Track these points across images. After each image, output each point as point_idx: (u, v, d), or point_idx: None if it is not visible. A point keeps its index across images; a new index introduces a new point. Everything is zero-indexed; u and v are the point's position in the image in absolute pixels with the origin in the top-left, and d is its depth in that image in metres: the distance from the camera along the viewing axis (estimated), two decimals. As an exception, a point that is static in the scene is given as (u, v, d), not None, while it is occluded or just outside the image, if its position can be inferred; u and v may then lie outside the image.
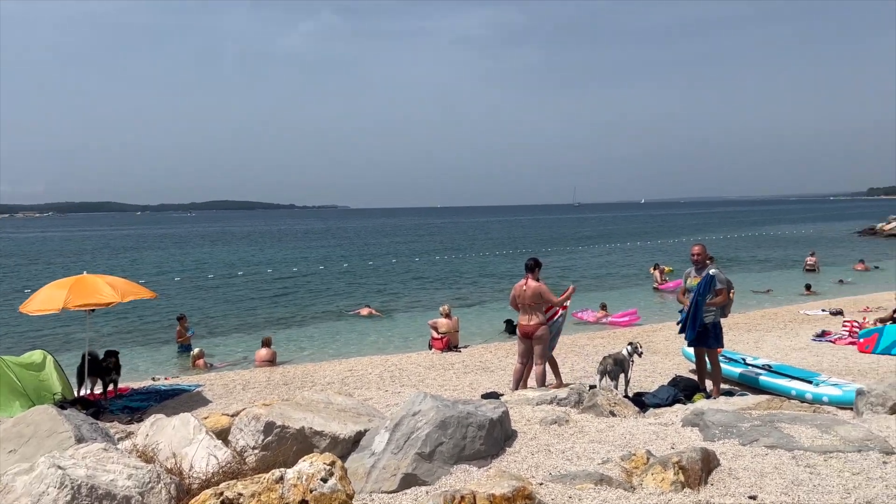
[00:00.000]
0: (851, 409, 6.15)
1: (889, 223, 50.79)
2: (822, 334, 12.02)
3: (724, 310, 8.13)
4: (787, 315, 15.25)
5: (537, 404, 6.45)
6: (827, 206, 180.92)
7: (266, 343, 13.75)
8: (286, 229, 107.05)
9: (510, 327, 15.51)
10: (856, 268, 26.85)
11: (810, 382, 7.75)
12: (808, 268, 26.81)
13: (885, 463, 4.21)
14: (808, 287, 21.47)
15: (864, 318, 12.53)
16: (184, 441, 5.00)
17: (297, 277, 32.33)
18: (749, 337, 12.65)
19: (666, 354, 11.39)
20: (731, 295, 8.19)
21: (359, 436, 5.60)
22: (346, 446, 5.59)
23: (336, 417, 6.01)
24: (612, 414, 5.95)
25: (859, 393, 5.92)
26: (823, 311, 15.21)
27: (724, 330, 8.35)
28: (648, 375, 9.73)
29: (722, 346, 8.23)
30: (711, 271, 8.00)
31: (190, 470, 4.36)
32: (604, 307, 17.94)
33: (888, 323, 11.06)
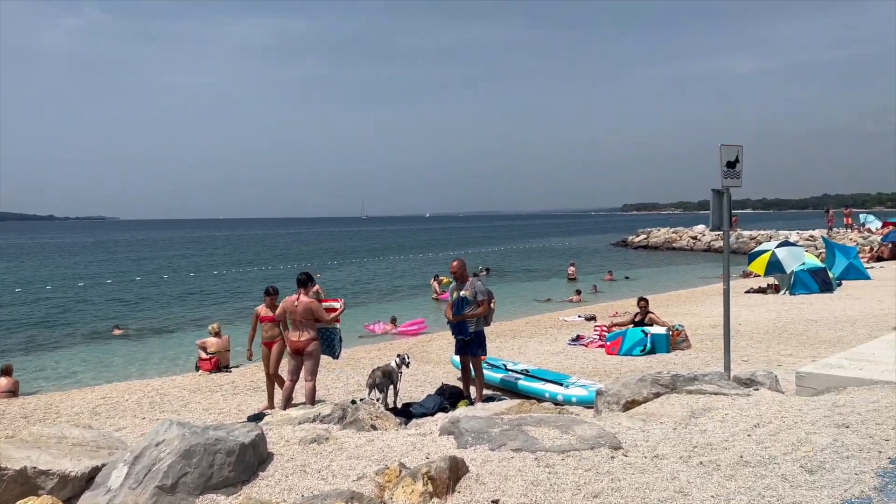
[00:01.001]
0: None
1: (638, 236, 57.12)
2: (577, 339, 13.08)
3: (486, 319, 8.52)
4: (549, 321, 16.45)
5: (300, 423, 6.25)
6: (588, 221, 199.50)
7: (6, 371, 12.08)
8: (44, 243, 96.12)
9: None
10: (605, 279, 29.84)
11: (561, 384, 8.36)
12: (570, 277, 29.35)
13: (612, 458, 4.57)
14: (577, 292, 23.61)
15: (611, 323, 13.83)
16: None
17: (53, 297, 29.04)
18: (514, 343, 13.43)
19: (438, 363, 11.72)
20: (492, 305, 8.61)
21: (95, 471, 5.04)
22: (79, 484, 5.00)
23: (69, 453, 5.36)
24: (374, 428, 5.93)
25: (598, 393, 6.44)
26: (580, 317, 16.63)
27: (491, 337, 8.78)
28: (420, 385, 9.93)
29: (485, 354, 8.61)
30: (477, 284, 8.37)
31: None
32: (394, 320, 18.19)
33: (629, 327, 12.29)
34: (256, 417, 7.83)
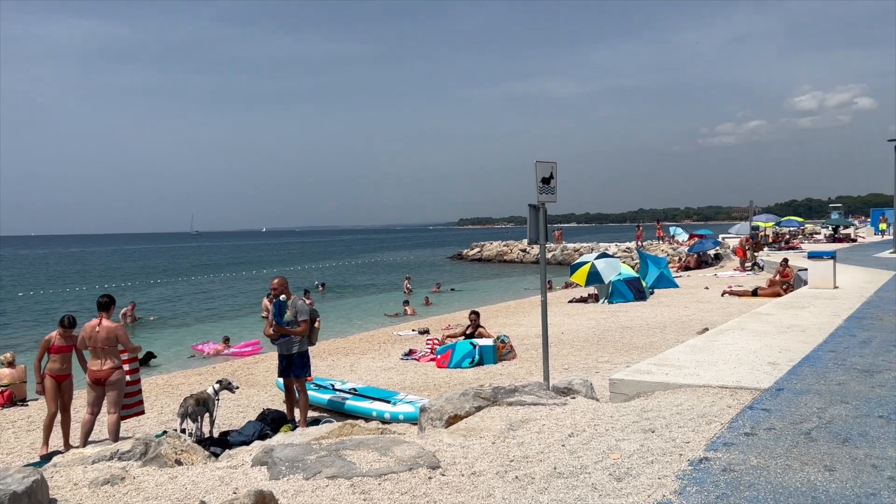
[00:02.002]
0: (420, 424, 6.57)
1: (472, 249, 58.74)
2: (409, 353, 13.03)
3: (310, 339, 8.19)
4: (383, 336, 16.31)
5: (94, 462, 5.60)
6: (426, 235, 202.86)
7: None
8: None
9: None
10: (432, 291, 30.34)
11: (389, 402, 8.19)
12: (406, 290, 29.50)
13: (430, 479, 4.44)
14: (406, 303, 23.68)
15: (444, 336, 13.91)
16: None
17: None
18: (346, 361, 13.14)
19: (263, 386, 11.16)
20: (316, 325, 8.29)
21: None
22: None
23: None
24: (179, 463, 5.42)
25: (422, 410, 6.34)
26: (413, 331, 16.63)
27: (323, 356, 8.45)
28: (242, 411, 9.37)
29: (309, 375, 8.27)
30: (299, 304, 8.02)
31: None
32: (226, 340, 17.31)
33: (460, 339, 12.41)
34: (47, 458, 6.97)
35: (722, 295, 19.45)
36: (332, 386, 9.19)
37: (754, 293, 18.75)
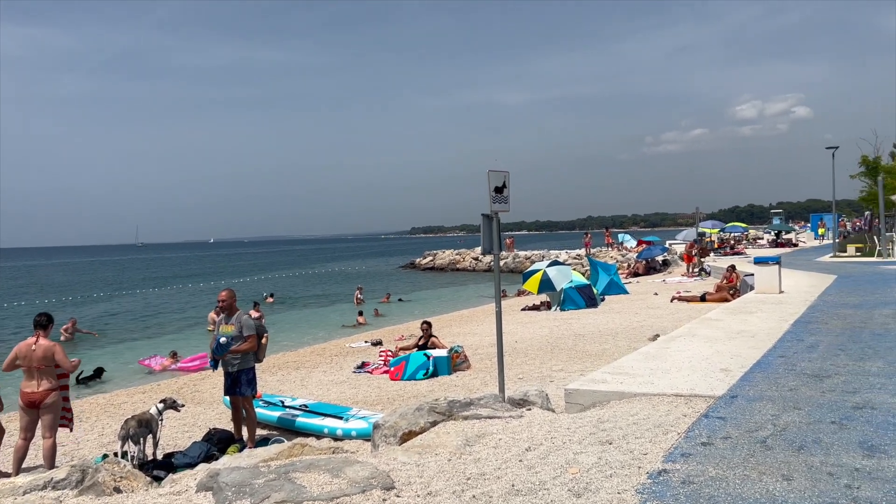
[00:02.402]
0: (374, 441, 6.38)
1: (425, 258, 58.51)
2: (363, 366, 12.79)
3: (256, 356, 7.92)
4: (334, 349, 16.01)
5: (25, 493, 5.26)
6: (379, 244, 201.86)
7: None
8: None
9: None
10: (382, 301, 30.07)
11: (341, 418, 7.96)
12: (357, 301, 29.17)
13: (384, 501, 4.28)
14: (360, 314, 23.39)
15: (397, 348, 13.73)
16: None
17: None
18: (297, 375, 12.83)
19: (210, 404, 10.79)
20: (263, 341, 8.00)
21: None
22: None
23: None
24: (118, 490, 5.13)
25: (375, 426, 6.15)
26: (366, 342, 16.37)
27: (272, 370, 8.17)
28: (187, 430, 9.02)
29: (256, 393, 7.99)
30: (244, 318, 7.75)
31: None
32: (174, 355, 16.77)
33: (414, 350, 12.25)
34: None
35: (671, 301, 19.72)
36: (282, 402, 8.88)
37: (702, 298, 19.07)
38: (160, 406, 7.74)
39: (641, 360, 8.40)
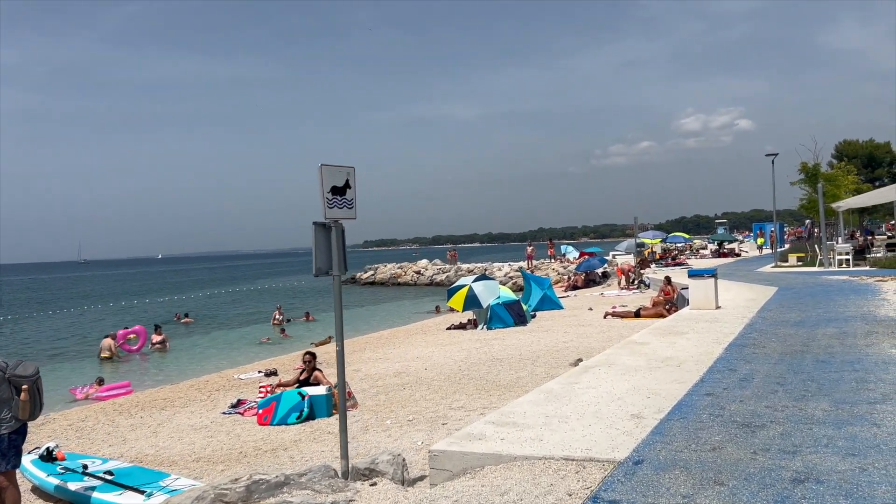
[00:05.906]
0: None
1: (366, 272, 56.40)
2: (237, 404, 10.86)
3: (32, 414, 5.84)
4: (220, 381, 13.96)
5: None
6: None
7: None
8: None
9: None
10: (304, 320, 28.22)
11: (143, 493, 6.06)
12: (274, 322, 27.13)
13: None
14: (282, 331, 22.21)
15: (277, 382, 11.80)
16: None
17: None
18: (159, 417, 10.79)
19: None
20: (22, 395, 5.81)
21: None
22: None
23: None
24: None
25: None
26: (259, 372, 14.40)
27: (133, 410, 6.20)
28: None
29: (17, 466, 5.81)
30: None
31: None
32: (100, 381, 15.21)
33: (295, 386, 10.35)
34: None
35: (605, 317, 18.29)
36: (85, 468, 6.85)
37: (637, 314, 17.67)
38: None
39: (540, 403, 6.78)
